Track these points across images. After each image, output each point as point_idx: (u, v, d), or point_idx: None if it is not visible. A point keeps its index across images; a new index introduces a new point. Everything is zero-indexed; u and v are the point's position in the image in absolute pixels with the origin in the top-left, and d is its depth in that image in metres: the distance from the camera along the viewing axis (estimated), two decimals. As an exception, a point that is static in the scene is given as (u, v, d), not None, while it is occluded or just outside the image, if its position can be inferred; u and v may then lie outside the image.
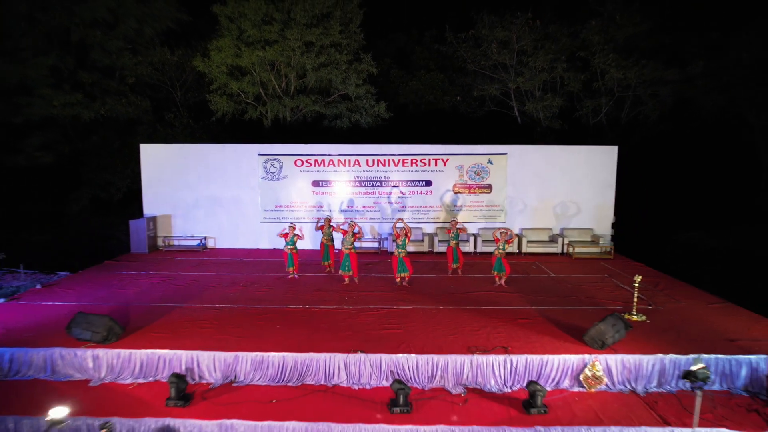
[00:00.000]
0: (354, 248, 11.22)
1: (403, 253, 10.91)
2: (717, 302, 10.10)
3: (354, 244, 11.21)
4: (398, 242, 10.88)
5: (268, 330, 8.43)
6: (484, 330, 8.44)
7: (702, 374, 5.50)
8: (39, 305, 9.66)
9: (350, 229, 11.14)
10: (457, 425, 6.39)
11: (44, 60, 18.69)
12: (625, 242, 16.86)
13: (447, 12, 25.46)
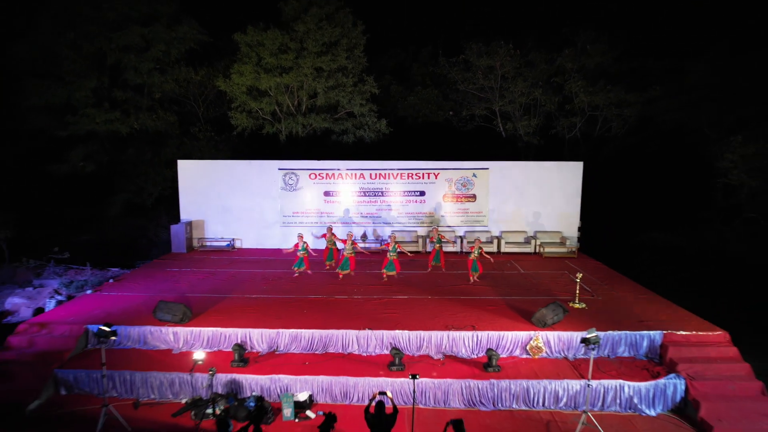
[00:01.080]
0: (353, 252, 14.02)
1: (393, 256, 13.74)
2: (645, 293, 12.91)
3: (354, 250, 14.01)
4: (389, 249, 13.73)
5: (297, 313, 11.20)
6: (460, 314, 11.22)
7: (594, 339, 8.22)
8: (119, 295, 12.46)
9: (349, 238, 13.96)
10: (436, 378, 9.19)
11: (88, 83, 21.36)
12: (591, 243, 19.67)
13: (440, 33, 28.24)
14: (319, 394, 9.10)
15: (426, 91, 25.39)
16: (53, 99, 21.43)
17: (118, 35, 21.92)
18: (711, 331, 10.31)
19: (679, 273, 18.89)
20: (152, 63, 23.10)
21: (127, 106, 22.94)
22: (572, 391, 9.05)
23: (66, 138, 22.20)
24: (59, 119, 21.89)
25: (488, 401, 9.06)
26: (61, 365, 9.47)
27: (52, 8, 21.36)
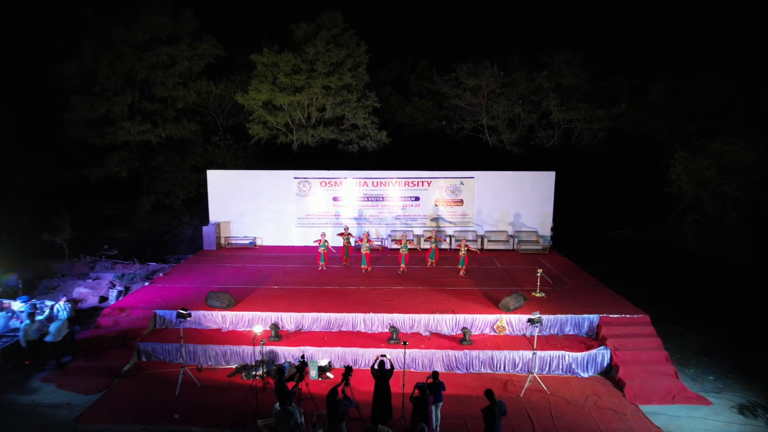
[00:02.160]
0: (369, 250, 17.03)
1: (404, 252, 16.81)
2: (595, 284, 15.96)
3: (369, 247, 17.02)
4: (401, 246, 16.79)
5: (317, 300, 14.22)
6: (443, 301, 14.23)
7: (537, 319, 11.21)
8: (171, 287, 15.49)
9: (365, 237, 16.96)
10: (423, 349, 12.22)
11: (124, 99, 24.20)
12: (565, 240, 22.68)
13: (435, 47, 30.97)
14: (336, 361, 12.15)
15: (422, 101, 28.27)
16: (93, 113, 24.24)
17: (148, 55, 24.65)
18: (636, 314, 13.35)
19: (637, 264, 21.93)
20: (177, 78, 25.84)
21: (155, 118, 25.74)
22: (525, 359, 12.10)
23: (104, 147, 25.11)
24: (97, 130, 24.78)
25: (462, 366, 12.12)
26: (141, 339, 12.53)
27: (91, 33, 24.10)
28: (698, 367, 13.07)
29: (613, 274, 19.88)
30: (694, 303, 17.39)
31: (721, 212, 19.73)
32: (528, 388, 11.31)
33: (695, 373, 12.74)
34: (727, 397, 11.38)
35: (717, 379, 12.34)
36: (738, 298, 17.40)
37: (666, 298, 17.72)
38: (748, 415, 10.60)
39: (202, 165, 25.88)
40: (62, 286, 18.20)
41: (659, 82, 22.85)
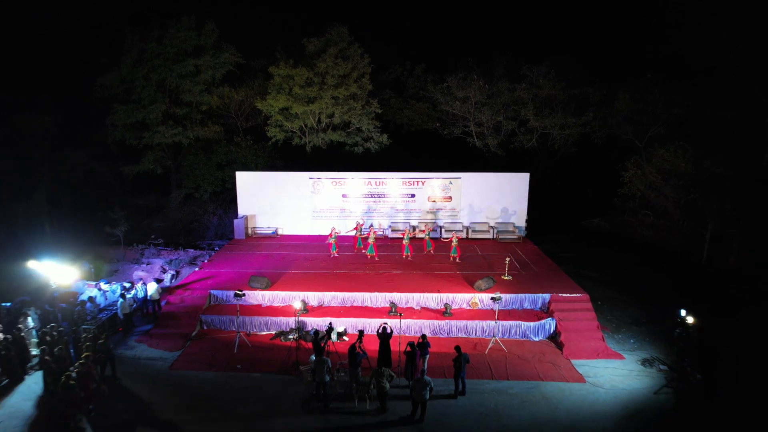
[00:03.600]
0: (374, 240, 21.00)
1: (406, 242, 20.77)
2: (554, 269, 20.01)
3: (375, 238, 21.01)
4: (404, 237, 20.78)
5: (333, 282, 18.25)
6: (432, 282, 18.26)
7: (497, 298, 15.25)
8: (217, 271, 19.52)
9: (371, 230, 20.93)
10: (415, 319, 16.31)
11: (159, 106, 27.82)
12: (542, 229, 26.67)
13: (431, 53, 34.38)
14: (350, 328, 16.21)
15: (418, 104, 31.91)
16: (132, 119, 27.91)
17: (178, 66, 28.19)
18: (579, 293, 17.41)
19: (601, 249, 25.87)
20: (202, 85, 29.40)
21: (185, 121, 29.40)
22: (491, 327, 16.18)
23: (141, 147, 28.86)
24: (134, 132, 28.50)
25: (444, 332, 16.23)
26: (203, 312, 16.62)
27: (129, 48, 27.59)
28: (625, 333, 17.16)
29: (580, 258, 24.08)
30: (638, 283, 21.40)
31: (665, 208, 23.61)
32: (491, 348, 15.42)
33: (621, 337, 16.85)
34: (637, 354, 15.50)
35: (635, 342, 16.44)
36: (674, 278, 21.38)
37: (617, 278, 21.82)
38: (647, 366, 14.71)
39: (225, 163, 29.73)
40: (122, 270, 22.21)
41: (625, 92, 26.44)
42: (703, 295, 18.99)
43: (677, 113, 25.14)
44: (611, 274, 22.64)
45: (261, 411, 12.13)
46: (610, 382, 13.87)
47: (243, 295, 15.12)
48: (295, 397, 12.69)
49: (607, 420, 12.07)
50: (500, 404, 12.58)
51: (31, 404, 12.14)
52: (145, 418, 11.77)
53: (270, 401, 12.53)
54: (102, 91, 28.40)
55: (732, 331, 16.25)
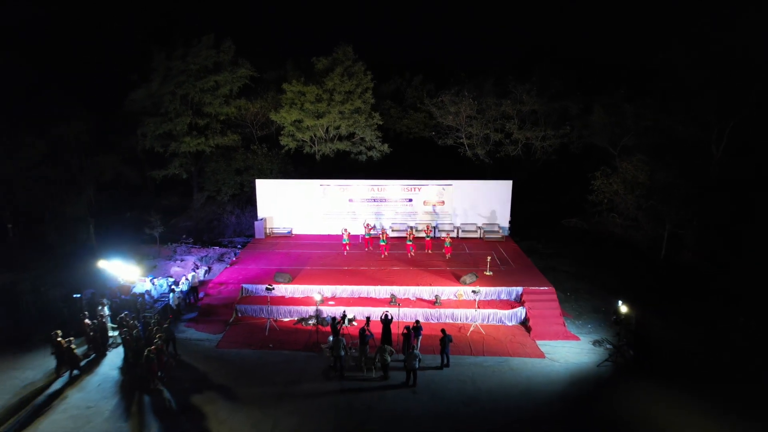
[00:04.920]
0: (384, 242, 24.56)
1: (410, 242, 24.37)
2: (528, 266, 23.64)
3: (385, 239, 24.58)
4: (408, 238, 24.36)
5: (343, 277, 21.88)
6: (426, 277, 21.91)
7: (477, 291, 18.83)
8: (244, 267, 23.15)
9: (382, 232, 24.53)
10: (411, 307, 19.99)
11: (184, 119, 31.27)
12: (525, 227, 30.28)
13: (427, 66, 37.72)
14: (358, 315, 19.86)
15: (416, 114, 35.37)
16: (160, 130, 31.36)
17: (200, 82, 31.59)
18: (547, 286, 21.06)
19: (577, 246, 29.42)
20: (221, 99, 32.83)
21: (206, 131, 32.86)
22: (473, 314, 19.84)
23: (167, 155, 32.35)
24: (162, 142, 31.96)
25: (434, 318, 19.90)
26: (237, 302, 20.29)
27: (156, 66, 30.94)
28: (585, 320, 20.80)
29: (557, 254, 27.74)
30: (604, 276, 24.99)
31: (630, 212, 27.15)
32: (472, 331, 19.10)
33: (581, 323, 20.50)
34: (591, 336, 19.16)
35: (592, 327, 20.08)
36: (636, 272, 24.96)
37: (587, 272, 25.43)
38: (597, 345, 18.38)
39: (243, 168, 33.26)
40: (159, 266, 25.81)
41: (601, 106, 29.90)
42: (653, 287, 22.71)
43: (645, 125, 28.59)
44: (582, 268, 26.28)
45: (292, 379, 15.80)
46: (564, 357, 17.55)
47: (272, 288, 18.80)
48: (317, 368, 16.39)
49: (556, 385, 15.75)
50: (476, 374, 16.26)
51: (117, 372, 15.85)
52: (203, 384, 15.45)
53: (298, 372, 16.21)
54: (132, 105, 31.79)
55: (666, 317, 19.94)
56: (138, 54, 31.89)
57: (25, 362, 16.37)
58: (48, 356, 16.33)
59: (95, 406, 14.06)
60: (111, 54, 32.95)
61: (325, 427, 13.24)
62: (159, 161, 33.36)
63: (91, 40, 33.38)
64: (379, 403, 14.43)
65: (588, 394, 15.34)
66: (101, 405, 14.15)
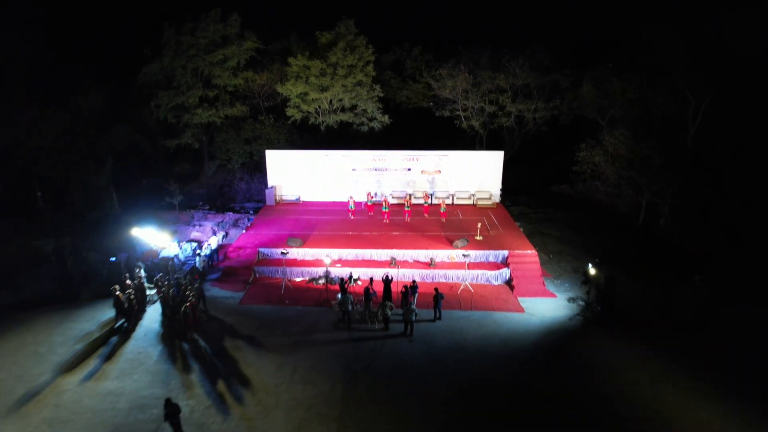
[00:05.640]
0: (386, 208, 26.95)
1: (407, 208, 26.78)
2: (515, 230, 26.12)
3: (387, 206, 26.96)
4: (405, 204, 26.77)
5: (348, 241, 24.40)
6: (422, 241, 24.43)
7: (467, 254, 21.35)
8: (259, 232, 25.65)
9: (384, 200, 26.89)
10: (409, 269, 22.60)
11: (196, 92, 33.05)
12: (517, 193, 32.62)
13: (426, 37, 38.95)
14: (361, 275, 22.48)
15: (415, 85, 37.02)
16: (173, 102, 33.19)
17: (210, 56, 33.17)
18: (530, 250, 23.60)
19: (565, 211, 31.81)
20: (229, 71, 34.46)
21: (217, 102, 34.67)
22: (463, 275, 22.46)
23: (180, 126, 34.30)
24: (175, 113, 33.85)
25: (429, 278, 22.54)
26: (255, 264, 22.89)
27: (167, 41, 32.49)
28: (564, 279, 23.44)
29: (546, 218, 30.22)
30: (587, 240, 27.51)
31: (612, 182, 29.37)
32: (462, 289, 21.76)
33: (560, 282, 23.16)
34: (567, 294, 21.84)
35: (569, 286, 22.71)
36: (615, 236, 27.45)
37: (571, 236, 27.93)
38: (571, 302, 21.06)
39: (252, 138, 35.26)
40: (180, 231, 28.26)
41: (589, 80, 31.65)
42: (629, 251, 25.28)
43: (631, 99, 30.45)
44: (568, 232, 28.79)
45: (306, 330, 18.54)
46: (541, 312, 20.28)
47: (287, 253, 21.37)
48: (328, 321, 19.12)
49: (532, 335, 18.50)
50: (464, 326, 18.98)
51: (157, 325, 18.59)
52: (231, 334, 18.17)
53: (311, 324, 18.94)
54: (145, 78, 33.50)
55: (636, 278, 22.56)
56: (150, 29, 33.29)
57: (79, 316, 19.10)
58: (97, 310, 19.13)
59: (144, 352, 16.85)
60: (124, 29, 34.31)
61: (336, 369, 15.99)
62: (170, 131, 35.30)
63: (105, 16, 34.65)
64: (381, 350, 17.19)
65: (559, 343, 18.07)
66: (149, 351, 16.93)
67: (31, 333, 17.81)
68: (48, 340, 17.35)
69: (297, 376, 15.61)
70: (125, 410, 13.96)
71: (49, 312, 19.39)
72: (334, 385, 15.09)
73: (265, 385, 15.16)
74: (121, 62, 34.97)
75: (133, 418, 13.68)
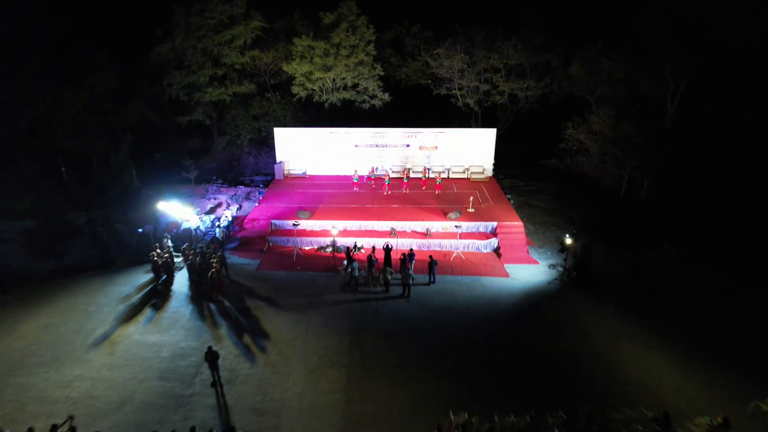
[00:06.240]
0: (388, 182, 29.32)
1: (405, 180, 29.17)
2: (505, 203, 28.55)
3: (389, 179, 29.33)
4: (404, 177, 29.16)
5: (352, 213, 26.85)
6: (419, 213, 26.90)
7: (458, 225, 23.81)
8: (271, 205, 28.09)
9: (386, 174, 29.23)
10: (407, 238, 25.14)
11: (206, 72, 34.88)
12: (509, 166, 34.90)
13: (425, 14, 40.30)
14: (364, 244, 25.01)
15: (414, 63, 38.74)
16: (184, 81, 35.08)
17: (218, 36, 34.85)
18: (517, 221, 26.09)
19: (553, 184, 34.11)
20: (237, 50, 36.16)
21: (225, 80, 36.51)
22: (456, 243, 25.01)
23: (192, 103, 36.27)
24: (186, 91, 35.77)
25: (425, 247, 25.10)
26: (269, 234, 25.42)
27: (178, 22, 34.12)
28: (547, 248, 25.98)
29: (536, 190, 32.56)
30: (572, 211, 29.91)
31: (596, 157, 31.62)
32: (455, 257, 24.34)
33: (543, 251, 25.73)
34: (548, 261, 24.43)
35: (551, 254, 25.27)
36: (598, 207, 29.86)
37: (558, 207, 30.32)
38: (551, 268, 23.67)
39: (260, 114, 37.25)
40: (195, 204, 30.67)
41: (578, 59, 33.45)
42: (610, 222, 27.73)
43: (618, 78, 32.34)
44: (555, 203, 31.21)
45: (316, 292, 21.19)
46: (524, 277, 22.91)
47: (298, 224, 23.88)
48: (335, 284, 21.77)
49: (514, 297, 21.16)
50: (455, 289, 21.62)
51: (186, 288, 21.24)
52: (251, 296, 20.83)
53: (321, 287, 21.60)
54: (157, 57, 35.26)
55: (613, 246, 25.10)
56: (161, 10, 34.81)
57: (117, 280, 21.77)
58: (132, 275, 21.83)
59: (178, 311, 19.55)
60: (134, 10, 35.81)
61: (344, 325, 18.69)
62: (181, 107, 37.28)
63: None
64: (383, 309, 19.89)
65: (537, 304, 20.74)
66: (182, 310, 19.63)
67: (80, 295, 20.51)
68: (94, 301, 20.05)
69: (310, 330, 18.31)
70: (168, 358, 16.71)
71: (90, 277, 22.07)
72: (342, 338, 17.80)
73: (284, 338, 17.88)
74: (132, 42, 36.59)
75: (176, 364, 16.43)
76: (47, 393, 14.95)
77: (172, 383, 15.54)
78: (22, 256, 23.15)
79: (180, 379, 15.69)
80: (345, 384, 15.47)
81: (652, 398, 14.42)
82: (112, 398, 14.86)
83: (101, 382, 15.51)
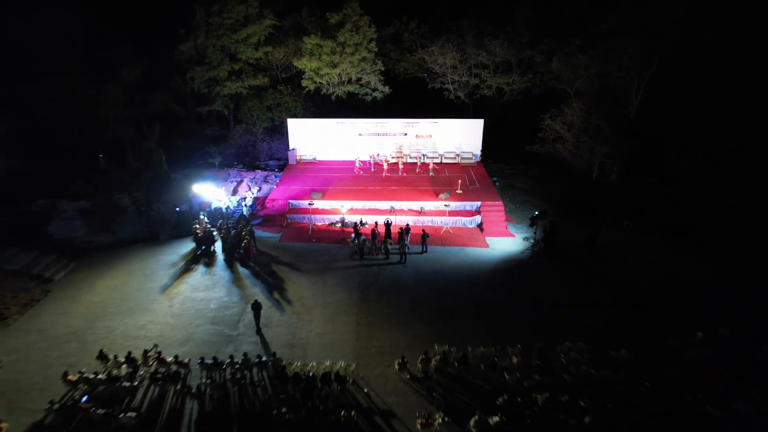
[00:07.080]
0: (387, 166, 33.70)
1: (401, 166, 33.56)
2: (489, 185, 32.97)
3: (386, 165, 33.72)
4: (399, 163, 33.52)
5: (357, 194, 31.29)
6: (415, 195, 31.33)
7: (447, 204, 28.25)
8: (287, 187, 32.54)
9: (385, 160, 33.61)
10: (404, 215, 29.64)
11: (225, 68, 38.93)
12: (496, 153, 39.23)
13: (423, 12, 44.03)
14: (368, 220, 29.47)
15: (412, 57, 42.71)
16: (206, 77, 39.15)
17: (235, 35, 38.80)
18: (498, 201, 30.56)
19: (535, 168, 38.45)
20: (252, 47, 40.12)
21: (242, 74, 40.55)
22: (445, 220, 29.51)
23: (211, 95, 40.38)
24: (206, 85, 39.86)
25: (420, 223, 29.59)
26: (287, 212, 29.93)
27: (199, 22, 38.01)
28: (523, 224, 30.37)
29: (519, 174, 36.93)
30: (550, 192, 34.36)
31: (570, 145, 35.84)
32: (444, 231, 28.86)
33: (520, 226, 30.18)
34: (523, 235, 28.90)
35: (526, 229, 29.71)
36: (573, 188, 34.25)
37: (537, 189, 34.76)
38: (525, 241, 28.15)
39: (273, 105, 41.39)
40: (220, 185, 35.04)
41: (558, 56, 37.42)
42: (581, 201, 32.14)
43: (595, 72, 36.34)
44: (535, 185, 35.67)
45: (329, 259, 25.76)
46: (502, 248, 27.46)
47: (312, 204, 28.37)
48: (345, 253, 26.33)
49: (492, 264, 25.69)
50: (443, 257, 26.18)
51: (222, 257, 25.82)
52: (276, 262, 25.38)
53: (333, 255, 26.17)
54: (180, 54, 39.24)
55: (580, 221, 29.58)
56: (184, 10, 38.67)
57: (164, 251, 26.37)
58: (176, 246, 26.42)
59: (218, 274, 24.17)
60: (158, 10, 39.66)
61: (353, 284, 23.30)
62: (201, 99, 41.37)
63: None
64: (384, 272, 24.50)
65: (511, 269, 25.27)
66: (221, 273, 24.25)
67: (136, 262, 25.14)
68: (149, 266, 24.68)
69: (326, 288, 22.95)
70: (216, 308, 21.37)
71: (141, 248, 26.66)
72: (351, 294, 22.44)
73: (305, 294, 22.52)
74: (156, 39, 40.48)
75: (222, 313, 21.08)
76: (128, 332, 19.66)
77: (222, 327, 20.21)
78: (84, 231, 27.66)
79: (227, 324, 20.36)
80: (355, 327, 20.11)
81: (590, 334, 19.11)
82: (177, 337, 19.55)
83: (167, 326, 20.18)
